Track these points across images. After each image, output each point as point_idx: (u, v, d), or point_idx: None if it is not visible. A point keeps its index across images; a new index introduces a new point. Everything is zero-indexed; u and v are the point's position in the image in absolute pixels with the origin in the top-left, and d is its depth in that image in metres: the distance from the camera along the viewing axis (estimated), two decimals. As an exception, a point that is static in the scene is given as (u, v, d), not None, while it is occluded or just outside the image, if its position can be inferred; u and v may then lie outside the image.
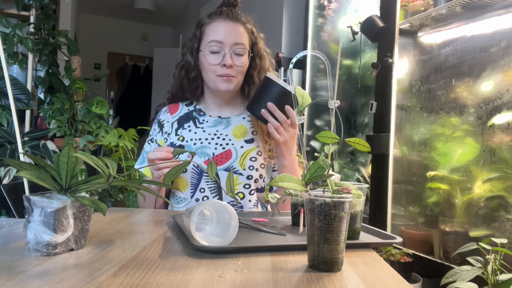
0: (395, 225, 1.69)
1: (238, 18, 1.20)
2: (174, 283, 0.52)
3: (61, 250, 0.63)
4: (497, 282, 0.90)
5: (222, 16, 1.19)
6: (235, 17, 1.19)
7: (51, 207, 0.62)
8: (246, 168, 1.16)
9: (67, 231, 0.64)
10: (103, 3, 5.78)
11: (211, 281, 0.53)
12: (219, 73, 1.16)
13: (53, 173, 0.65)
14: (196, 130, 1.22)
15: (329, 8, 2.45)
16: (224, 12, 1.20)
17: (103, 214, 0.64)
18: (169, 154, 1.04)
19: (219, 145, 1.19)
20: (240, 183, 1.16)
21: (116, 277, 0.53)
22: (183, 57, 1.25)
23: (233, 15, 1.19)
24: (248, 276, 0.56)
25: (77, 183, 0.67)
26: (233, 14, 1.19)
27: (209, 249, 0.66)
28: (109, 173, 0.66)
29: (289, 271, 0.59)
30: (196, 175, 1.16)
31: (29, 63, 2.41)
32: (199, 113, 1.26)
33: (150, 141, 1.27)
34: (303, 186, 0.65)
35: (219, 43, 1.16)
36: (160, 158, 1.03)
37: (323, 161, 0.65)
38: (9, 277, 0.52)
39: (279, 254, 0.67)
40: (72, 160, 0.65)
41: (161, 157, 1.03)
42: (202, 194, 1.15)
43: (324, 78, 2.50)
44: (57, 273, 0.54)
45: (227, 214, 0.70)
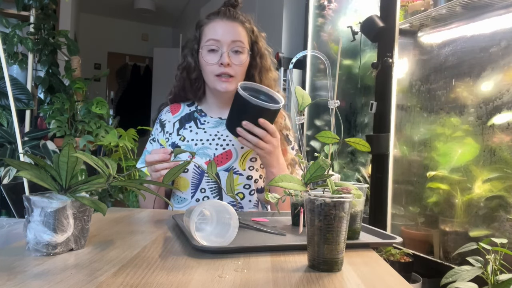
0: (395, 225, 1.69)
1: (235, 17, 1.19)
2: (174, 283, 0.52)
3: (61, 250, 0.63)
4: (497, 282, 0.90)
5: (220, 16, 1.19)
6: (232, 16, 1.19)
7: (51, 207, 0.62)
8: (246, 169, 1.17)
9: (67, 231, 0.64)
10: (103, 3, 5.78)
11: (211, 281, 0.53)
12: (217, 72, 1.16)
13: (53, 173, 0.65)
14: (198, 131, 1.22)
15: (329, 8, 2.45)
16: (222, 12, 1.20)
17: (103, 214, 0.64)
18: (166, 156, 1.03)
19: (219, 145, 1.19)
20: (240, 184, 1.16)
21: (116, 277, 0.53)
22: (184, 58, 1.25)
23: (230, 14, 1.19)
24: (248, 276, 0.56)
25: (77, 183, 0.67)
26: (230, 13, 1.19)
27: (209, 249, 0.66)
28: (109, 173, 0.66)
29: (289, 271, 0.59)
30: (197, 175, 1.16)
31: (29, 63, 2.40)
32: (200, 114, 1.26)
33: (152, 140, 1.28)
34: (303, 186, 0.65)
35: (217, 42, 1.15)
36: (158, 161, 1.03)
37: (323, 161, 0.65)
38: (9, 277, 0.52)
39: (279, 254, 0.67)
40: (72, 160, 0.65)
41: (159, 159, 1.03)
42: (202, 194, 1.15)
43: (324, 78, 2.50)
44: (57, 273, 0.54)
45: (227, 214, 0.70)
